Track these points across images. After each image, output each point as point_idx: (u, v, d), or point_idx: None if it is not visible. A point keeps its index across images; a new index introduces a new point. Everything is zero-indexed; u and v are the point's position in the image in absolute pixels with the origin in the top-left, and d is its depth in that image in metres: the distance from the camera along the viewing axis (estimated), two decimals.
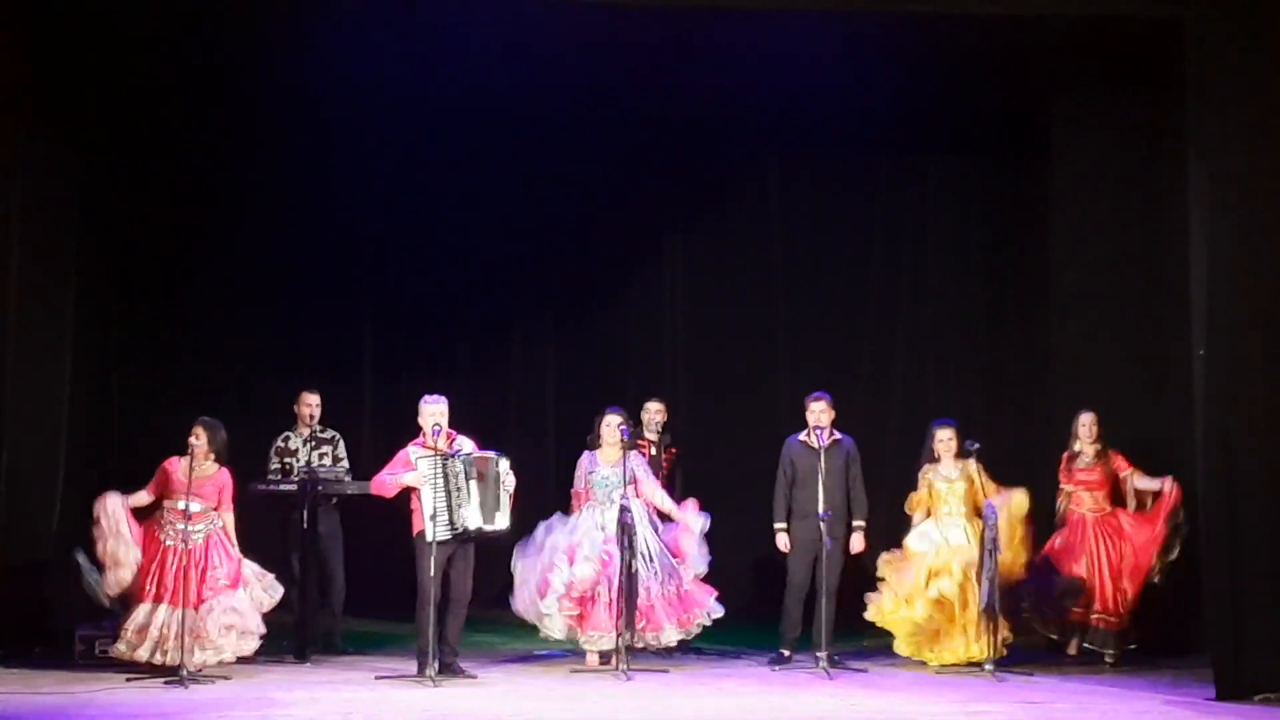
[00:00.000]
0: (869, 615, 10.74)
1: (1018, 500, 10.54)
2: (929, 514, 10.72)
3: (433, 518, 9.77)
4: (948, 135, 12.93)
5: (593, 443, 10.69)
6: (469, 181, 13.05)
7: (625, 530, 10.17)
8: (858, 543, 10.69)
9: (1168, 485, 10.72)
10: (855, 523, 10.67)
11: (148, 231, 12.53)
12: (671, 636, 10.40)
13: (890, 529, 11.14)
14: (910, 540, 10.65)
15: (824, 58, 11.41)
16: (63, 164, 11.06)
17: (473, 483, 9.89)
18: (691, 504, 10.65)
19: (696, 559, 10.50)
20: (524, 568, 10.44)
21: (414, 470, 9.89)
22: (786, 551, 10.65)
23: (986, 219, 13.32)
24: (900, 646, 10.70)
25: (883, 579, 10.70)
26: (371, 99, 12.27)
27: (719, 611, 10.52)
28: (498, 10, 10.71)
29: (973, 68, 11.62)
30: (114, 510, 9.80)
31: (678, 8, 10.71)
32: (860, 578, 10.92)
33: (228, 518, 9.99)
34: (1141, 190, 11.88)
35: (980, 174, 13.30)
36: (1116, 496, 10.98)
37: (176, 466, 9.89)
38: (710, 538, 10.59)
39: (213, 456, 9.94)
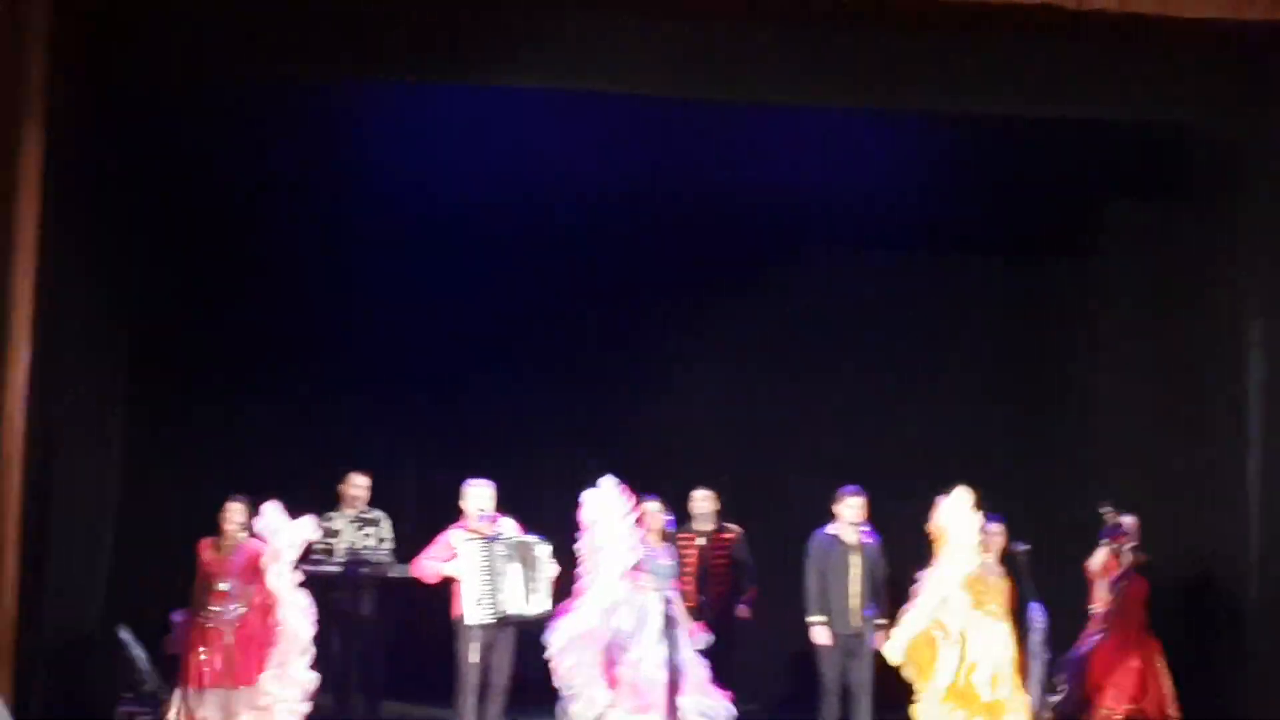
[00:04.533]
0: None
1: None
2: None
3: (474, 601, 9.75)
4: (990, 235, 12.93)
5: None
6: (515, 270, 12.94)
7: (670, 623, 10.14)
8: (880, 640, 10.58)
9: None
10: (879, 621, 10.60)
11: (196, 314, 12.48)
12: None
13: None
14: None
15: (871, 154, 11.54)
16: (114, 253, 11.27)
17: (514, 565, 9.87)
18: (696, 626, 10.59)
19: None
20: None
21: (456, 556, 9.87)
22: (828, 644, 10.53)
23: (1027, 319, 13.25)
24: None
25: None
26: (418, 184, 12.33)
27: (732, 713, 10.35)
28: (524, 100, 10.80)
29: (1019, 169, 11.73)
30: None
31: (710, 101, 10.75)
32: (891, 673, 10.76)
33: (274, 583, 9.82)
34: (1186, 298, 11.90)
35: (1022, 275, 13.26)
36: None
37: (206, 548, 9.94)
38: (737, 631, 10.43)
39: (245, 532, 9.92)
